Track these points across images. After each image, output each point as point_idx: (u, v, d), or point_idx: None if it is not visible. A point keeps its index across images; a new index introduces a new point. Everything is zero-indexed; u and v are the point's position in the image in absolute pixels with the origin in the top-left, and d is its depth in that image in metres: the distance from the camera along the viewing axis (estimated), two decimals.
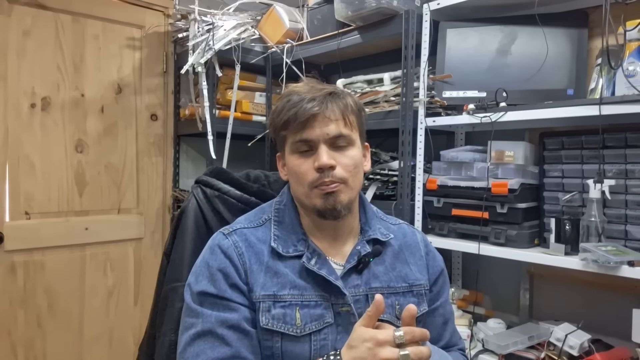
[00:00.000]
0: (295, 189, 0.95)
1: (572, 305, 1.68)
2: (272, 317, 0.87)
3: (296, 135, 0.90)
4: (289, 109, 0.90)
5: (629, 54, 1.30)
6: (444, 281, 1.04)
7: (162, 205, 2.51)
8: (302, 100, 0.89)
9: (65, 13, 2.17)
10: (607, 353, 1.37)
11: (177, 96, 2.52)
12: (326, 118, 0.89)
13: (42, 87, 2.12)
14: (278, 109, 0.93)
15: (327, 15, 2.03)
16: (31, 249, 2.12)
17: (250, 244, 0.93)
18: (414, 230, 1.08)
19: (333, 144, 0.91)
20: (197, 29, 2.15)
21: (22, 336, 2.09)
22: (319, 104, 0.89)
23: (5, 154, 2.05)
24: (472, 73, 1.66)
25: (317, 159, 0.89)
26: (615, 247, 1.31)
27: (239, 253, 0.91)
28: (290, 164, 0.93)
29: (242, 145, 2.27)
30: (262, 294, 0.88)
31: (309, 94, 0.90)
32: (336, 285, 0.90)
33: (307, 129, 0.89)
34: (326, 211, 0.90)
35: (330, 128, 0.89)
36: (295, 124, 0.89)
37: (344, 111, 0.92)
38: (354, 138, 0.93)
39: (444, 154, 1.75)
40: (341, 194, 0.90)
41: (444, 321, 1.01)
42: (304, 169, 0.90)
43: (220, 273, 0.88)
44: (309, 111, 0.88)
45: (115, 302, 2.37)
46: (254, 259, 0.91)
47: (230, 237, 0.93)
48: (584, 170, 1.47)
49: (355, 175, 0.93)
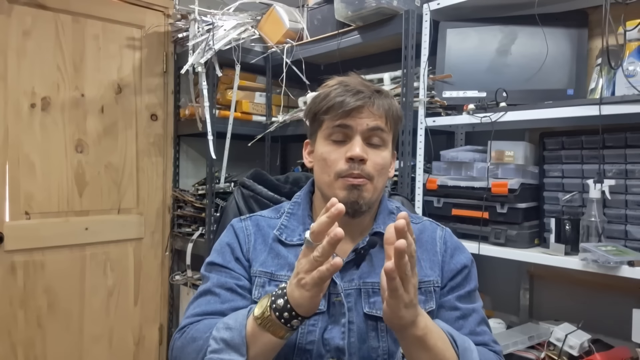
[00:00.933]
0: (320, 177, 0.94)
1: (572, 305, 1.68)
2: (264, 293, 0.90)
3: (336, 120, 0.90)
4: (337, 96, 0.90)
5: (629, 54, 1.30)
6: (465, 277, 0.96)
7: (162, 205, 2.51)
8: (350, 92, 0.90)
9: (65, 13, 2.17)
10: (607, 353, 1.37)
11: (177, 96, 2.52)
12: (370, 112, 0.90)
13: (42, 87, 2.12)
14: (324, 94, 0.93)
15: (327, 15, 2.03)
16: (31, 249, 2.12)
17: (260, 228, 0.99)
18: (437, 226, 1.03)
19: (368, 139, 0.91)
20: (197, 29, 2.15)
21: (22, 336, 2.10)
22: (367, 98, 0.90)
23: (5, 154, 2.05)
24: (472, 73, 1.66)
25: (351, 149, 0.89)
26: (615, 247, 1.31)
27: (247, 234, 0.98)
28: (320, 149, 0.93)
29: (242, 145, 2.27)
30: (260, 270, 0.93)
31: (357, 87, 0.91)
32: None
33: (349, 117, 0.90)
34: (347, 204, 0.87)
35: (371, 120, 0.90)
36: (339, 111, 0.89)
37: (387, 111, 0.92)
38: (388, 140, 0.94)
39: (444, 154, 1.75)
40: (365, 191, 0.90)
41: (461, 315, 0.93)
42: (334, 157, 0.90)
43: (228, 247, 0.97)
44: (355, 102, 0.89)
45: (115, 302, 2.37)
46: (260, 239, 0.97)
47: (244, 222, 1.01)
48: (584, 170, 1.47)
49: (382, 176, 0.93)
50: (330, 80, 0.97)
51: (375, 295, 0.91)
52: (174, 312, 2.59)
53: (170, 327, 2.57)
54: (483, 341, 0.92)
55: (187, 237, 2.39)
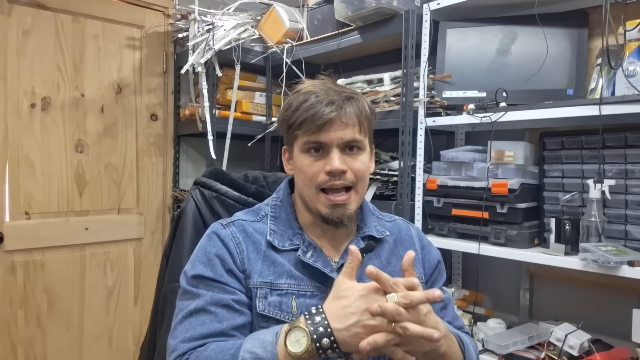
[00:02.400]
0: (302, 189, 0.94)
1: (572, 305, 1.68)
2: (268, 304, 0.88)
3: (310, 136, 0.89)
4: (306, 109, 0.88)
5: (629, 54, 1.30)
6: (440, 271, 1.05)
7: (162, 205, 2.51)
8: (320, 103, 0.88)
9: (65, 13, 2.17)
10: (607, 353, 1.37)
11: (177, 96, 2.52)
12: (342, 123, 0.89)
13: (42, 87, 2.12)
14: (293, 107, 0.91)
15: (327, 15, 2.03)
16: (31, 249, 2.12)
17: (248, 234, 0.94)
18: (409, 225, 1.08)
19: (345, 148, 0.90)
20: (197, 29, 2.15)
21: (22, 336, 2.09)
22: (337, 108, 0.88)
23: (5, 154, 2.05)
24: (472, 73, 1.66)
25: (330, 163, 0.88)
26: (615, 247, 1.31)
27: (236, 242, 0.92)
28: (299, 162, 0.92)
29: (242, 145, 2.27)
30: (260, 281, 0.89)
31: (328, 96, 0.89)
32: (332, 277, 0.90)
33: (322, 132, 0.88)
34: (331, 221, 0.91)
35: (346, 133, 0.89)
36: (311, 125, 0.88)
37: (360, 116, 0.91)
38: (366, 143, 0.94)
39: (444, 154, 1.75)
40: (349, 206, 0.91)
41: (443, 306, 1.00)
42: (314, 170, 0.90)
43: (218, 259, 0.90)
44: (327, 115, 0.87)
45: (115, 302, 2.37)
46: (252, 247, 0.92)
47: (228, 228, 0.94)
48: (584, 170, 1.47)
49: (364, 181, 0.93)
50: (300, 85, 0.95)
51: None
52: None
53: None
54: (460, 325, 1.01)
55: None
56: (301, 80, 0.98)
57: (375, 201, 1.78)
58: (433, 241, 1.63)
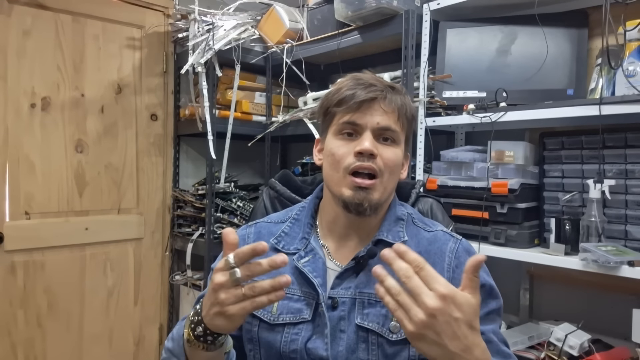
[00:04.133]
0: (329, 174, 0.92)
1: (572, 305, 1.68)
2: None
3: (345, 116, 0.89)
4: (349, 88, 0.89)
5: (629, 54, 1.30)
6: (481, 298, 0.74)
7: (162, 205, 2.51)
8: (363, 84, 0.89)
9: (65, 13, 2.17)
10: (607, 353, 1.37)
11: (177, 96, 2.52)
12: (381, 108, 0.88)
13: (42, 87, 2.12)
14: (336, 88, 0.92)
15: (327, 15, 2.03)
16: (31, 249, 2.12)
17: (260, 236, 0.98)
18: (450, 238, 0.93)
19: (379, 136, 0.89)
20: (197, 29, 2.15)
21: (22, 336, 2.09)
22: (379, 91, 0.88)
23: (5, 154, 2.05)
24: (472, 73, 1.66)
25: (360, 144, 0.87)
26: (615, 247, 1.31)
27: (247, 242, 0.95)
28: (329, 145, 0.91)
29: (242, 145, 2.27)
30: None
31: (371, 80, 0.90)
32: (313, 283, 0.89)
33: (359, 112, 0.88)
34: (352, 204, 0.87)
35: (382, 118, 0.88)
36: (350, 103, 0.88)
37: (400, 108, 0.90)
38: (401, 139, 0.92)
39: (444, 154, 1.75)
40: (373, 192, 0.87)
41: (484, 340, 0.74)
42: (343, 151, 0.88)
43: None
44: (366, 95, 0.87)
45: (115, 302, 2.37)
46: None
47: (248, 229, 1.01)
48: (584, 170, 1.47)
49: (392, 174, 0.90)
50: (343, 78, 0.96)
51: (369, 306, 0.87)
52: (174, 312, 2.59)
53: (170, 327, 2.57)
54: None
55: (187, 237, 2.39)
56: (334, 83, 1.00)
57: None
58: None
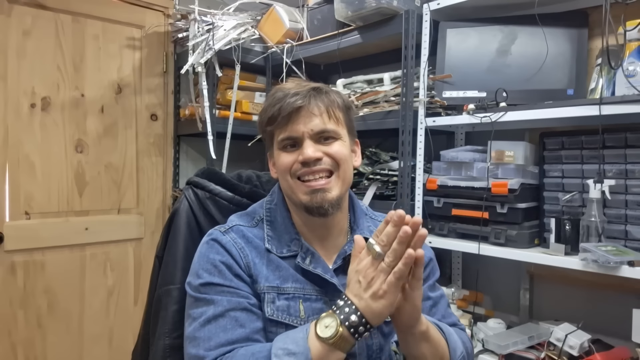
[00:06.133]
0: (284, 185, 0.94)
1: (572, 305, 1.68)
2: (276, 308, 0.88)
3: (282, 132, 0.91)
4: (274, 104, 0.91)
5: (629, 54, 1.30)
6: (432, 269, 1.03)
7: (162, 205, 2.51)
8: (286, 96, 0.90)
9: (65, 13, 2.17)
10: (607, 353, 1.37)
11: (177, 96, 2.52)
12: (310, 112, 0.90)
13: (42, 87, 2.12)
14: (264, 107, 0.95)
15: (327, 15, 2.03)
16: (31, 249, 2.12)
17: (248, 240, 0.93)
18: None
19: (318, 139, 0.91)
20: (197, 29, 2.15)
21: (22, 336, 2.09)
22: (302, 97, 0.90)
23: (5, 154, 2.05)
24: (472, 73, 1.66)
25: (302, 153, 0.89)
26: (615, 247, 1.31)
27: (238, 247, 0.91)
28: (277, 159, 0.94)
29: (242, 145, 2.27)
30: (266, 285, 0.89)
31: (293, 89, 0.91)
32: (332, 282, 0.91)
33: (292, 124, 0.90)
34: (312, 208, 0.90)
35: (315, 123, 0.90)
36: (280, 118, 0.90)
37: (329, 106, 0.92)
38: (341, 133, 0.93)
39: (444, 154, 1.75)
40: (331, 190, 0.90)
41: (433, 304, 1.00)
42: (288, 160, 0.91)
43: (224, 265, 0.88)
44: (292, 105, 0.89)
45: (115, 302, 2.37)
46: (255, 252, 0.92)
47: (227, 234, 0.93)
48: (584, 170, 1.47)
49: (344, 165, 0.92)
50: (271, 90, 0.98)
51: None
52: None
53: None
54: (453, 322, 1.01)
55: None
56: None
57: (375, 201, 1.78)
58: (433, 241, 1.63)
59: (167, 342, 1.00)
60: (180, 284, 1.01)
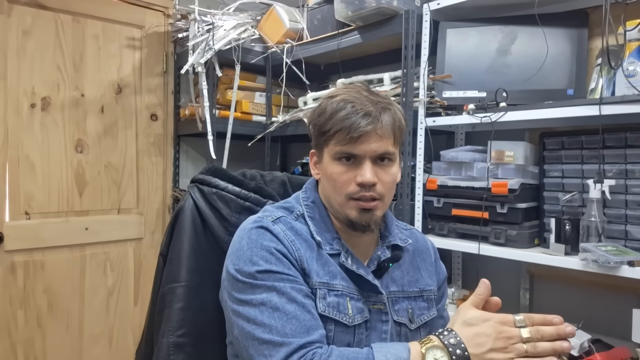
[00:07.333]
0: (330, 195, 0.93)
1: (572, 305, 1.68)
2: (327, 305, 0.87)
3: (343, 147, 0.88)
4: (342, 119, 0.87)
5: (629, 54, 1.30)
6: (445, 287, 1.09)
7: (162, 205, 2.51)
8: (357, 114, 0.86)
9: (65, 13, 2.17)
10: (607, 353, 1.37)
11: (177, 96, 2.52)
12: (378, 136, 0.88)
13: (42, 87, 2.12)
14: (327, 114, 0.89)
15: (327, 15, 2.03)
16: (31, 249, 2.12)
17: (298, 232, 0.92)
18: (425, 236, 1.11)
19: (376, 159, 0.90)
20: (197, 29, 2.15)
21: (22, 336, 2.09)
22: (374, 121, 0.87)
23: (5, 154, 2.05)
24: (472, 73, 1.66)
25: (362, 174, 0.88)
26: (615, 247, 1.31)
27: (290, 240, 0.89)
28: (329, 170, 0.91)
29: (242, 145, 2.27)
30: (318, 281, 0.88)
31: (364, 106, 0.87)
32: (374, 284, 0.92)
33: (357, 144, 0.87)
34: (358, 225, 0.91)
35: (380, 145, 0.88)
36: (346, 137, 0.87)
37: (393, 126, 0.90)
38: (397, 155, 0.93)
39: (444, 154, 1.75)
40: (377, 211, 0.91)
41: (444, 323, 1.01)
42: (345, 179, 0.89)
43: (280, 253, 0.86)
44: (363, 128, 0.86)
45: (115, 302, 2.37)
46: (305, 246, 0.90)
47: (277, 224, 0.91)
48: (584, 170, 1.47)
49: (392, 191, 0.94)
50: (335, 90, 0.95)
51: (397, 303, 0.96)
52: None
53: None
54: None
55: None
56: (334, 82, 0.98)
57: None
58: (433, 241, 1.63)
59: (172, 339, 1.00)
60: (184, 282, 1.02)
